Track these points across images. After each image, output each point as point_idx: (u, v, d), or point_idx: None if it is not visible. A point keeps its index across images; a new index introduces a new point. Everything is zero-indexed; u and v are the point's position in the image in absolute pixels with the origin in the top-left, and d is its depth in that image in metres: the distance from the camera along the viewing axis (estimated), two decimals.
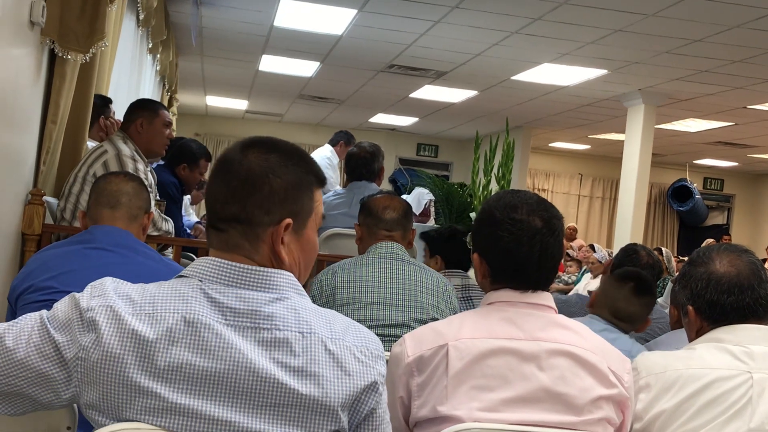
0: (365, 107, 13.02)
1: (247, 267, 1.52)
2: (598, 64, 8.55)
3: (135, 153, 3.86)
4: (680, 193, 16.29)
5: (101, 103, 4.63)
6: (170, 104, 9.91)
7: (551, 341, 1.91)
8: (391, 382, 1.86)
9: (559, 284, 9.79)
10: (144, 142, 3.94)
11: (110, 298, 1.48)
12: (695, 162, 15.87)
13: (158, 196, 4.26)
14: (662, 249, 8.42)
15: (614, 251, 8.48)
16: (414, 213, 3.91)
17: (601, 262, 8.38)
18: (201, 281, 1.51)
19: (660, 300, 4.80)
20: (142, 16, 5.67)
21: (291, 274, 1.57)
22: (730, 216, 17.51)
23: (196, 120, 15.67)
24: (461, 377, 1.87)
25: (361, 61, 9.42)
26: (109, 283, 1.52)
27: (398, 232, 3.25)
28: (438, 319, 2.49)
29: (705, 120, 11.20)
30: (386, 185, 14.36)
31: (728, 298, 2.10)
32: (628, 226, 10.03)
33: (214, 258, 1.54)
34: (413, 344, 1.94)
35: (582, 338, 1.94)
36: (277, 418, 1.44)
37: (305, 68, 10.20)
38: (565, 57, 8.34)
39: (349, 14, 7.46)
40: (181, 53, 9.99)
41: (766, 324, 2.11)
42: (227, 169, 1.56)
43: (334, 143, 8.21)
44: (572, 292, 8.32)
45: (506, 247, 1.95)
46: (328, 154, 8.10)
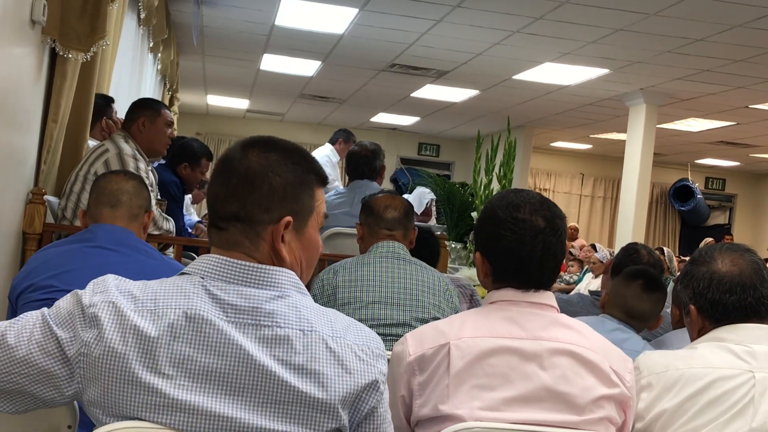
0: (366, 107, 13.02)
1: (248, 264, 1.52)
2: (600, 64, 8.55)
3: (136, 152, 3.86)
4: (682, 192, 16.28)
5: (104, 103, 4.63)
6: (171, 103, 9.91)
7: (553, 340, 1.90)
8: (392, 380, 1.86)
9: (561, 284, 9.79)
10: (145, 141, 3.94)
11: (112, 294, 1.48)
12: (697, 162, 15.86)
13: (159, 196, 4.26)
14: (664, 249, 8.41)
15: (616, 251, 8.47)
16: (415, 212, 3.90)
17: (602, 261, 8.38)
18: (203, 278, 1.51)
19: None
20: (143, 15, 5.68)
21: (293, 272, 1.57)
22: (732, 216, 17.50)
23: (197, 119, 15.67)
24: (463, 376, 1.86)
25: (362, 60, 9.42)
26: (111, 280, 1.52)
27: (399, 231, 3.25)
28: (439, 319, 2.49)
29: (707, 119, 11.19)
30: (387, 185, 14.37)
31: (730, 298, 2.10)
32: (630, 226, 10.02)
33: (216, 255, 1.55)
34: (415, 343, 1.94)
35: (584, 337, 1.94)
36: (277, 414, 1.44)
37: (306, 67, 10.20)
38: (566, 56, 8.34)
39: (350, 13, 7.46)
40: (182, 52, 10.00)
41: None
42: (227, 168, 1.57)
43: (334, 141, 8.22)
44: (573, 292, 8.31)
45: (509, 246, 1.95)
46: (328, 153, 8.10)
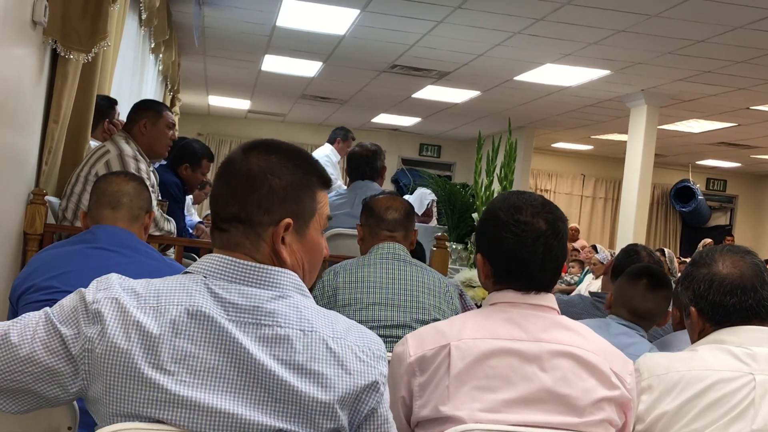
0: (368, 107, 13.02)
1: (250, 264, 1.53)
2: (601, 65, 8.55)
3: (137, 153, 3.86)
4: (683, 193, 16.27)
5: (107, 105, 4.63)
6: (173, 104, 9.91)
7: (554, 342, 1.90)
8: (392, 381, 1.86)
9: (562, 285, 9.78)
10: (147, 142, 3.94)
11: (116, 291, 1.49)
12: (698, 163, 15.85)
13: (160, 196, 4.26)
14: (665, 250, 8.41)
15: (616, 252, 8.47)
16: (416, 213, 3.90)
17: (602, 262, 8.38)
18: (205, 277, 1.52)
19: None
20: (144, 16, 5.68)
21: (295, 273, 1.57)
22: (733, 217, 17.49)
23: (199, 120, 15.68)
24: (463, 377, 1.86)
25: (363, 61, 9.42)
26: (114, 278, 1.54)
27: (400, 232, 3.24)
28: (439, 320, 2.49)
29: (708, 121, 11.19)
30: (389, 185, 14.36)
31: (731, 300, 2.10)
32: (631, 227, 10.02)
33: (219, 255, 1.56)
34: (415, 344, 1.95)
35: (584, 339, 1.94)
36: (277, 412, 1.44)
37: (308, 68, 10.20)
38: (567, 57, 8.34)
39: (351, 14, 7.46)
40: (183, 53, 10.00)
41: None
42: (229, 170, 1.58)
43: (332, 141, 8.22)
44: (574, 293, 8.31)
45: (510, 248, 1.95)
46: (328, 153, 8.10)
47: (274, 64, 10.11)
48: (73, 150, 3.98)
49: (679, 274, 2.38)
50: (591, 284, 8.69)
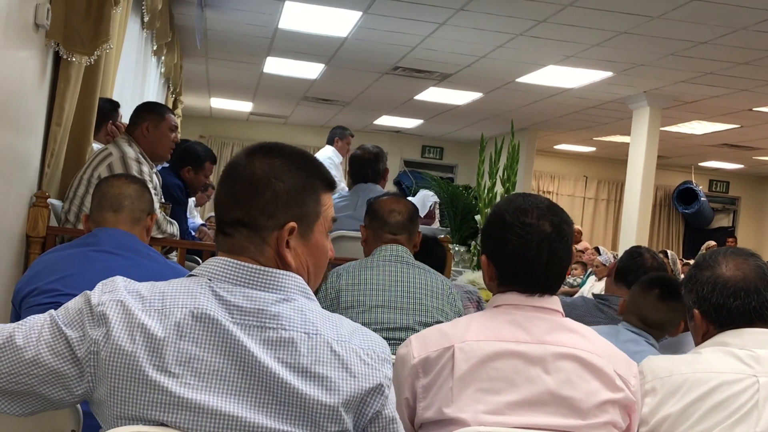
0: (370, 109, 13.03)
1: (255, 267, 1.53)
2: (603, 67, 8.55)
3: (140, 155, 3.86)
4: (685, 195, 16.26)
5: (110, 108, 4.63)
6: (175, 106, 9.93)
7: (558, 344, 1.90)
8: (396, 383, 1.85)
9: (565, 286, 9.77)
10: (149, 145, 3.94)
11: (121, 293, 1.49)
12: (700, 164, 15.84)
13: (163, 199, 4.26)
14: (668, 251, 8.42)
15: (619, 254, 8.46)
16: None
17: (605, 264, 8.37)
18: (210, 280, 1.52)
19: None
20: (146, 19, 5.68)
21: (300, 277, 1.57)
22: (736, 218, 17.48)
23: (201, 122, 15.69)
24: (467, 379, 1.86)
25: (365, 63, 9.43)
26: (120, 280, 1.54)
27: (404, 235, 3.24)
28: (443, 322, 2.49)
29: (710, 122, 11.18)
30: (391, 187, 14.36)
31: (734, 302, 2.10)
32: (634, 229, 10.01)
33: (224, 258, 1.56)
34: (419, 345, 1.94)
35: (588, 342, 1.94)
36: (281, 415, 1.44)
37: (310, 70, 10.21)
38: (570, 59, 8.33)
39: (354, 16, 7.46)
40: (185, 55, 10.01)
41: None
42: (233, 174, 1.58)
43: (331, 141, 8.21)
44: (577, 295, 8.30)
45: (515, 250, 1.95)
46: (330, 155, 8.09)
47: (276, 66, 10.11)
48: (76, 152, 3.99)
49: (682, 276, 2.38)
50: (594, 286, 8.67)
